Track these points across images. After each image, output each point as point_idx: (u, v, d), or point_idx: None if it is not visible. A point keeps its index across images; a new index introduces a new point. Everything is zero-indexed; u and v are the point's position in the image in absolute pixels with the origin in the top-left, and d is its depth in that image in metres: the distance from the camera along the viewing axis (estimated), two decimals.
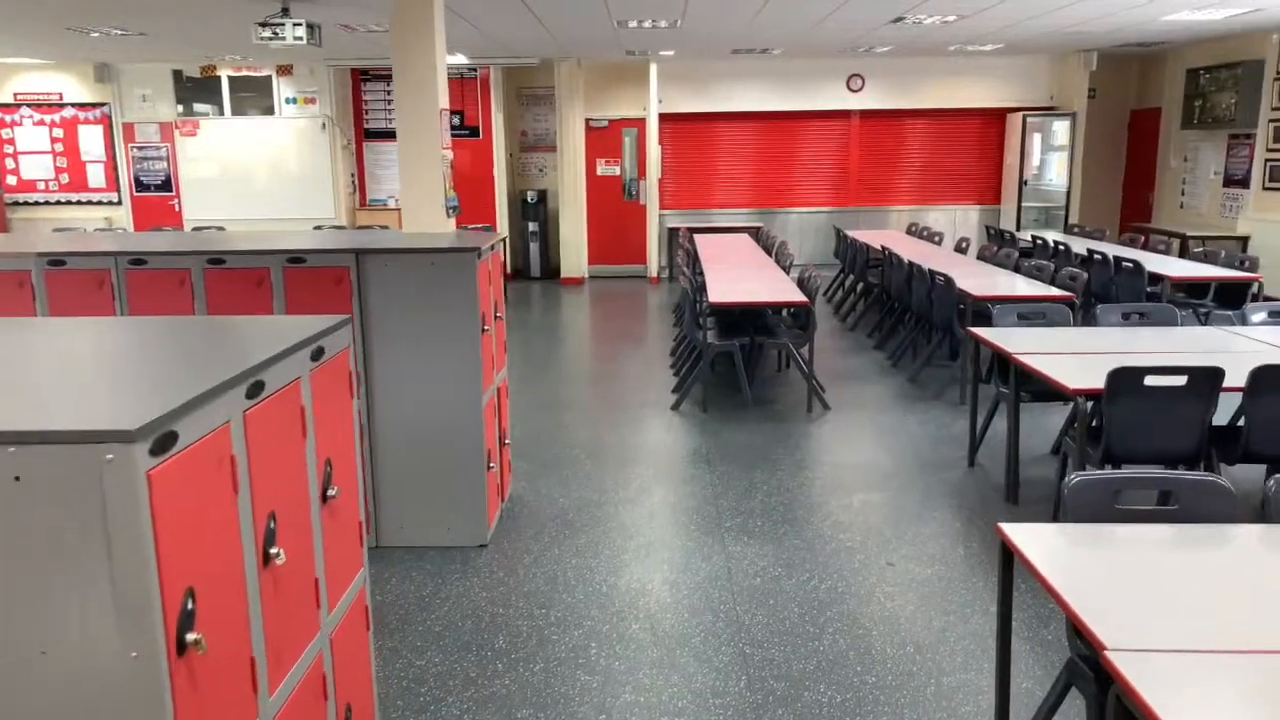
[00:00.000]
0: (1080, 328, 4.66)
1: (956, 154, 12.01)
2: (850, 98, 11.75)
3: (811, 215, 12.13)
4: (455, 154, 11.96)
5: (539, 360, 7.43)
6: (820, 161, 12.07)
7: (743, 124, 11.97)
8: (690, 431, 5.43)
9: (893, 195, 12.13)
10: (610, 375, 6.87)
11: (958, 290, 5.92)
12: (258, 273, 3.67)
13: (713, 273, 6.84)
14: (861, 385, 6.42)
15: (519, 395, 6.24)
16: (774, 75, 11.69)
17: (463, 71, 11.53)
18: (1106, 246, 8.10)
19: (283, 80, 11.32)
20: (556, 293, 11.14)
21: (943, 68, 11.59)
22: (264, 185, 11.53)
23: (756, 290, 6.10)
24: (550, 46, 9.94)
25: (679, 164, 12.11)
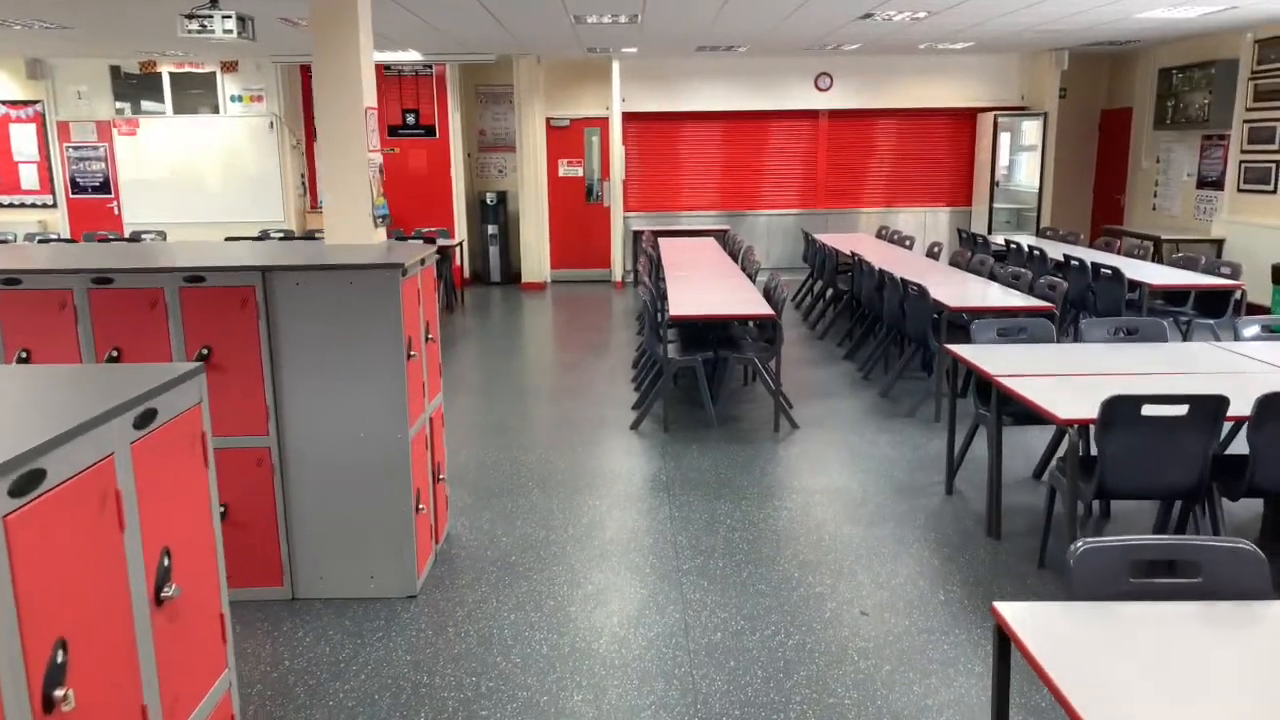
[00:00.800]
0: (1065, 344, 4.34)
1: (926, 155, 11.75)
2: (818, 97, 11.44)
3: (779, 218, 11.82)
4: (410, 153, 11.62)
5: (493, 373, 7.02)
6: (788, 162, 11.75)
7: (708, 124, 11.62)
8: (650, 454, 5.05)
9: (862, 197, 11.85)
10: (568, 390, 6.48)
11: (932, 301, 5.60)
12: (150, 293, 3.24)
13: (675, 281, 6.47)
14: (831, 400, 6.08)
15: (467, 414, 5.83)
16: (740, 74, 11.35)
17: (417, 69, 11.08)
18: (1082, 251, 7.84)
19: (228, 77, 10.80)
20: (517, 298, 10.72)
21: (912, 66, 11.32)
22: (209, 187, 11.00)
23: (721, 301, 5.74)
24: (508, 43, 9.52)
25: (643, 165, 11.74)
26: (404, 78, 11.12)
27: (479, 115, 11.69)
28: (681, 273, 7.02)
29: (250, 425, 3.34)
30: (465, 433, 5.46)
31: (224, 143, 10.91)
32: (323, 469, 3.38)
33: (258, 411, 3.33)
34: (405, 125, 11.23)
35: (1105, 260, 7.03)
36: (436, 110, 11.19)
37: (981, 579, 3.54)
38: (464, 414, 5.87)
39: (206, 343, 3.27)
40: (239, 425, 3.33)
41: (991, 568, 3.64)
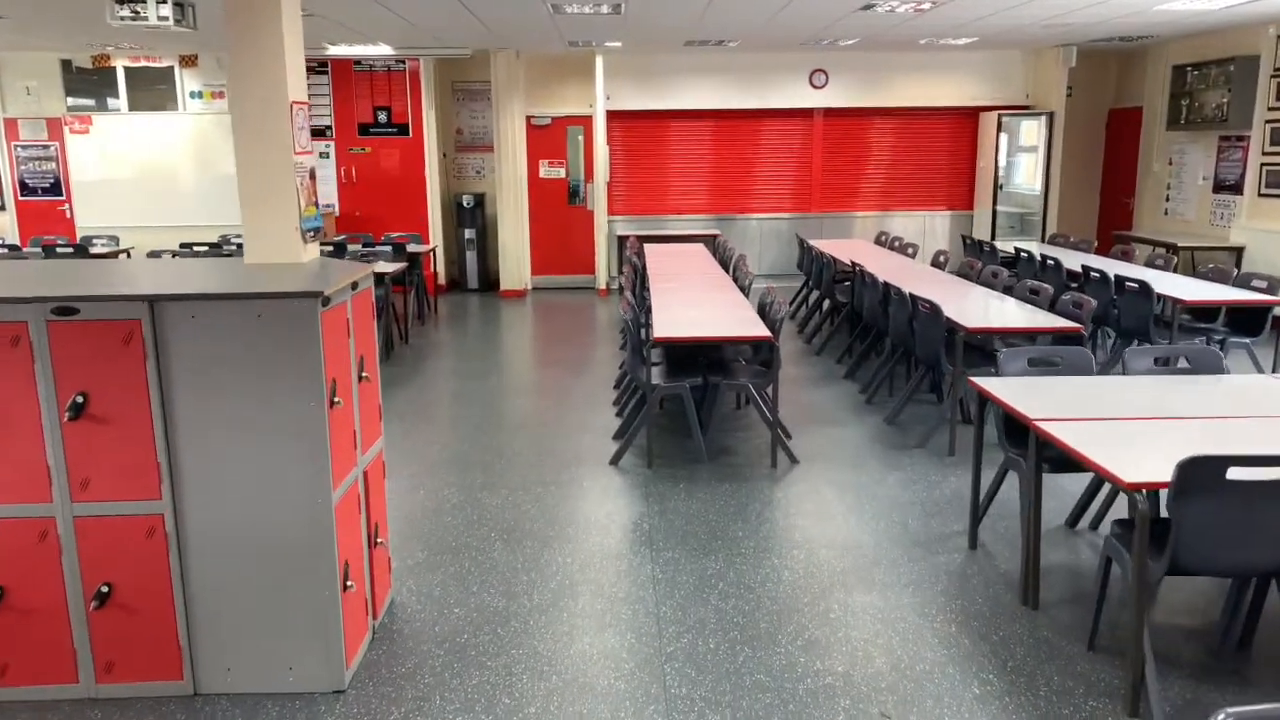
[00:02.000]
0: (1107, 377, 3.78)
1: (926, 156, 11.21)
2: (813, 95, 10.88)
3: (773, 221, 11.25)
4: (382, 153, 11.00)
5: (461, 396, 6.42)
6: (781, 164, 11.18)
7: (698, 123, 11.05)
8: (631, 496, 4.47)
9: (858, 200, 11.29)
10: (543, 415, 5.89)
11: (946, 320, 5.03)
12: (12, 328, 2.63)
13: (660, 295, 5.89)
14: (832, 428, 5.51)
15: (428, 446, 5.23)
16: (731, 70, 10.78)
17: (389, 64, 10.46)
18: (1101, 261, 7.30)
19: (187, 72, 10.16)
20: (495, 307, 10.12)
21: (912, 63, 10.78)
22: (168, 189, 10.36)
23: (711, 319, 5.16)
24: (484, 36, 8.92)
25: (629, 166, 11.15)
26: (375, 73, 10.50)
27: (456, 113, 11.08)
28: (668, 284, 6.44)
29: (139, 488, 2.74)
30: (423, 468, 4.87)
31: (184, 141, 10.27)
32: (229, 540, 2.79)
33: (147, 471, 2.73)
34: (376, 123, 10.61)
35: (1129, 272, 6.49)
36: (410, 108, 10.57)
37: (1022, 664, 2.98)
38: (424, 445, 5.27)
39: (82, 388, 2.67)
40: (125, 488, 2.74)
41: (1032, 648, 3.08)
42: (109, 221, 10.29)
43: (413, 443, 5.31)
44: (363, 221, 10.77)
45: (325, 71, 10.49)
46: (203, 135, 10.25)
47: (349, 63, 10.45)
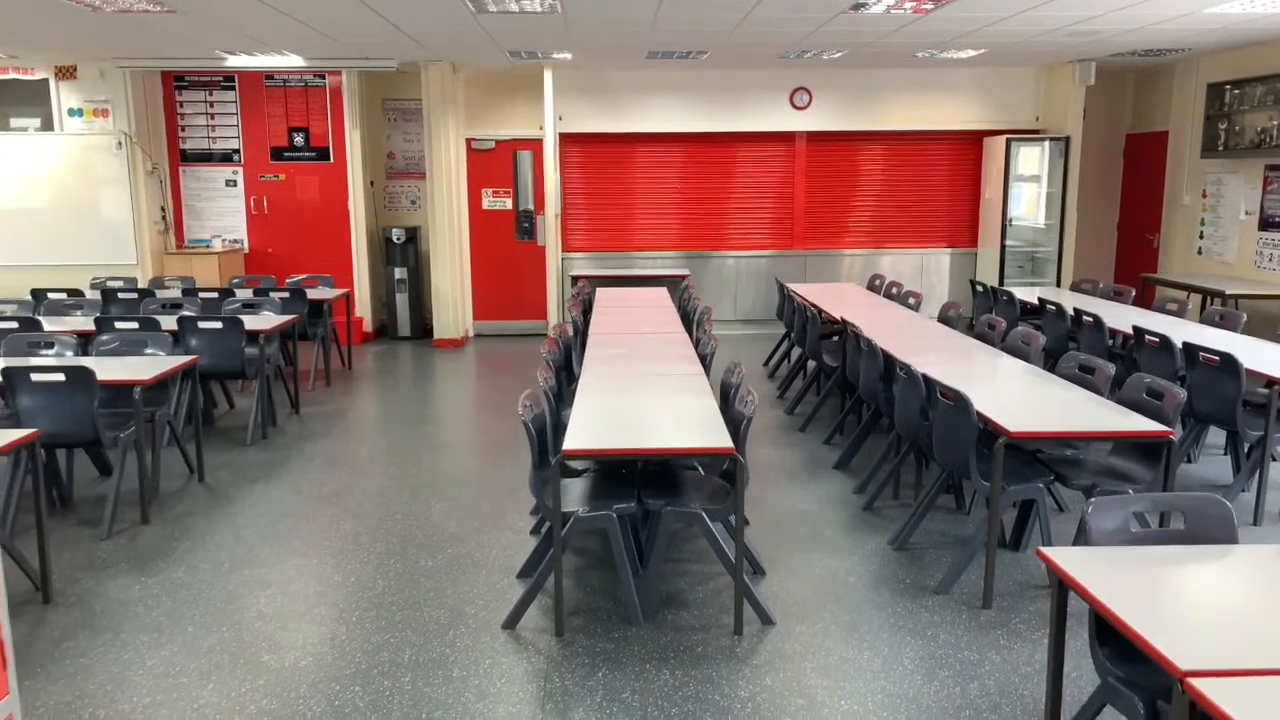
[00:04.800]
0: (1257, 547, 2.36)
1: (923, 186, 9.88)
2: (795, 116, 9.55)
3: (750, 260, 9.87)
4: (298, 181, 9.49)
5: (327, 499, 4.94)
6: (759, 194, 9.83)
7: (664, 147, 9.68)
8: (522, 695, 3.00)
9: (846, 236, 9.93)
10: (441, 524, 4.42)
11: (978, 416, 3.62)
12: None
13: (592, 371, 4.44)
14: (820, 555, 4.07)
15: (248, 595, 3.74)
16: (701, 88, 9.44)
17: (306, 79, 9.05)
18: (1159, 322, 5.92)
19: (64, 85, 8.70)
20: (426, 359, 8.66)
21: (907, 81, 9.47)
22: (41, 221, 8.86)
23: (652, 414, 3.71)
24: (407, 45, 7.53)
25: (587, 196, 9.76)
26: (290, 89, 9.10)
27: (387, 135, 9.67)
28: (607, 350, 5.01)
29: None
30: (218, 646, 3.38)
31: (60, 166, 8.79)
32: None
33: None
34: (292, 146, 9.18)
35: (1198, 336, 5.11)
36: (331, 129, 9.16)
37: None
38: (241, 591, 3.79)
39: None
40: None
41: None
42: None
43: (223, 584, 3.82)
44: (275, 260, 9.31)
45: (231, 87, 9.08)
46: (81, 159, 8.77)
47: (259, 77, 9.04)
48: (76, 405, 4.29)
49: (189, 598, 3.71)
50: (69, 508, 4.75)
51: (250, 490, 5.01)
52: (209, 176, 9.23)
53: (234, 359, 5.83)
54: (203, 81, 9.04)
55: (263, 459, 5.58)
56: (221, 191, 9.25)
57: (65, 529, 4.46)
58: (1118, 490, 3.64)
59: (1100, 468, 3.89)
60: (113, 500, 4.44)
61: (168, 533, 4.41)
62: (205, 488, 5.06)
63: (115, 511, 4.48)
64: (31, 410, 4.30)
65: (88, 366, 4.27)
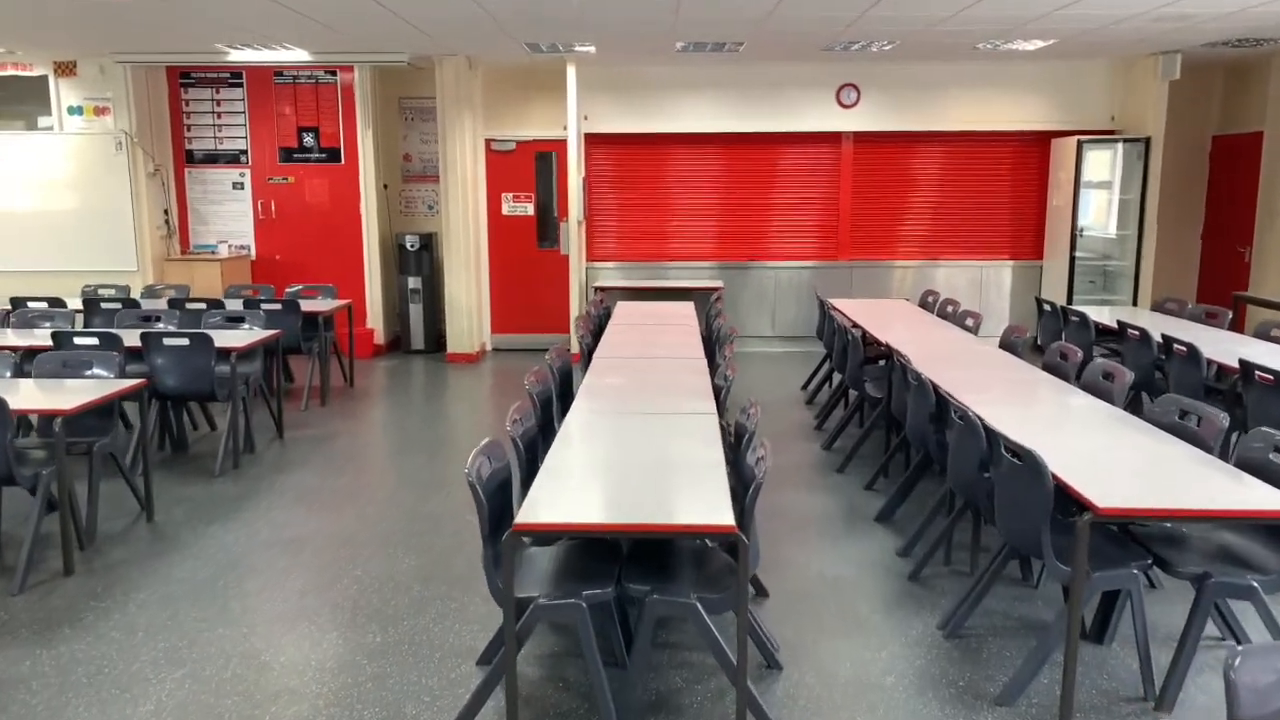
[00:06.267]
0: None
1: (983, 192, 9.00)
2: (841, 115, 8.75)
3: (791, 271, 9.09)
4: (308, 184, 8.91)
5: (301, 548, 4.30)
6: (801, 199, 9.04)
7: (698, 148, 8.96)
8: None
9: (896, 246, 9.10)
10: (395, 599, 3.75)
11: (1054, 480, 2.82)
12: None
13: (582, 408, 3.73)
14: (853, 639, 3.30)
15: (150, 679, 3.09)
16: (738, 84, 8.69)
17: (317, 75, 8.52)
18: (1255, 347, 5.02)
19: (64, 82, 8.28)
20: (437, 376, 8.04)
21: (965, 76, 8.61)
22: (40, 224, 8.45)
23: (642, 472, 2.99)
24: (414, 36, 6.92)
25: (614, 201, 9.08)
26: (300, 86, 8.57)
27: (403, 136, 9.10)
28: (609, 379, 4.30)
29: None
30: None
31: (58, 167, 8.37)
32: None
33: None
34: (302, 147, 8.66)
35: None
36: (342, 129, 8.62)
37: None
38: (145, 673, 3.14)
39: None
40: None
41: None
42: None
43: (123, 669, 3.18)
44: (282, 267, 8.79)
45: (239, 84, 8.58)
46: (80, 160, 8.34)
47: (268, 73, 8.53)
48: None
49: (82, 679, 3.08)
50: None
51: (202, 533, 4.40)
52: (215, 179, 8.74)
53: (202, 379, 5.24)
54: (209, 79, 8.57)
55: (228, 493, 4.97)
56: (228, 194, 8.76)
57: None
58: (1238, 582, 2.83)
59: (1213, 548, 3.06)
60: (27, 548, 3.85)
61: (89, 588, 3.80)
62: (152, 529, 4.47)
63: (31, 561, 3.90)
64: None
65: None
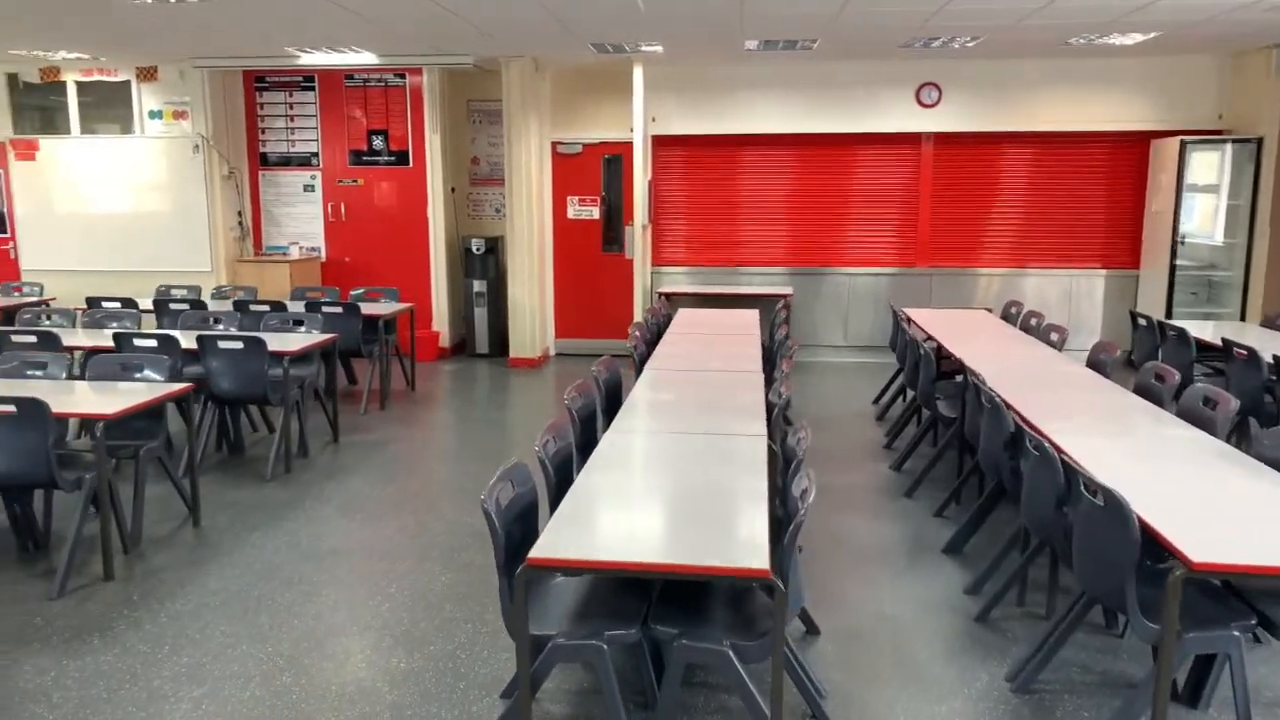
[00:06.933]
0: None
1: (1075, 196, 8.46)
2: (921, 115, 8.34)
3: (866, 278, 8.71)
4: (376, 186, 8.91)
5: (331, 561, 4.20)
6: (878, 203, 8.66)
7: (770, 150, 8.66)
8: None
9: (980, 253, 8.63)
10: (426, 621, 3.60)
11: (1140, 525, 2.49)
12: None
13: (621, 427, 3.52)
14: (910, 689, 3.00)
15: (169, 697, 3.00)
16: (812, 84, 8.37)
17: (386, 78, 8.53)
18: None
19: (145, 87, 8.48)
20: (499, 381, 7.95)
21: (1056, 72, 8.11)
22: (121, 226, 8.68)
23: (675, 504, 2.76)
24: (474, 35, 6.83)
25: (682, 205, 8.85)
26: (370, 89, 8.59)
27: (471, 139, 9.05)
28: (659, 393, 4.08)
29: None
30: None
31: (140, 170, 8.58)
32: None
33: None
34: (371, 150, 8.68)
35: None
36: (410, 132, 8.61)
37: None
38: (165, 690, 3.05)
39: None
40: None
41: None
42: (54, 264, 8.69)
43: (143, 685, 3.10)
44: (351, 269, 8.83)
45: (311, 87, 8.65)
46: (160, 163, 8.53)
47: (339, 77, 8.58)
48: (27, 442, 3.71)
49: (101, 695, 3.01)
50: (40, 552, 4.21)
51: (244, 540, 4.35)
52: (287, 181, 8.84)
53: (255, 383, 5.22)
54: (283, 82, 8.66)
55: (275, 499, 4.93)
56: (300, 197, 8.84)
57: (24, 581, 3.89)
58: None
59: None
60: (68, 552, 3.84)
61: (125, 595, 3.76)
62: (197, 534, 4.44)
63: (72, 564, 3.88)
64: None
65: (39, 399, 3.68)
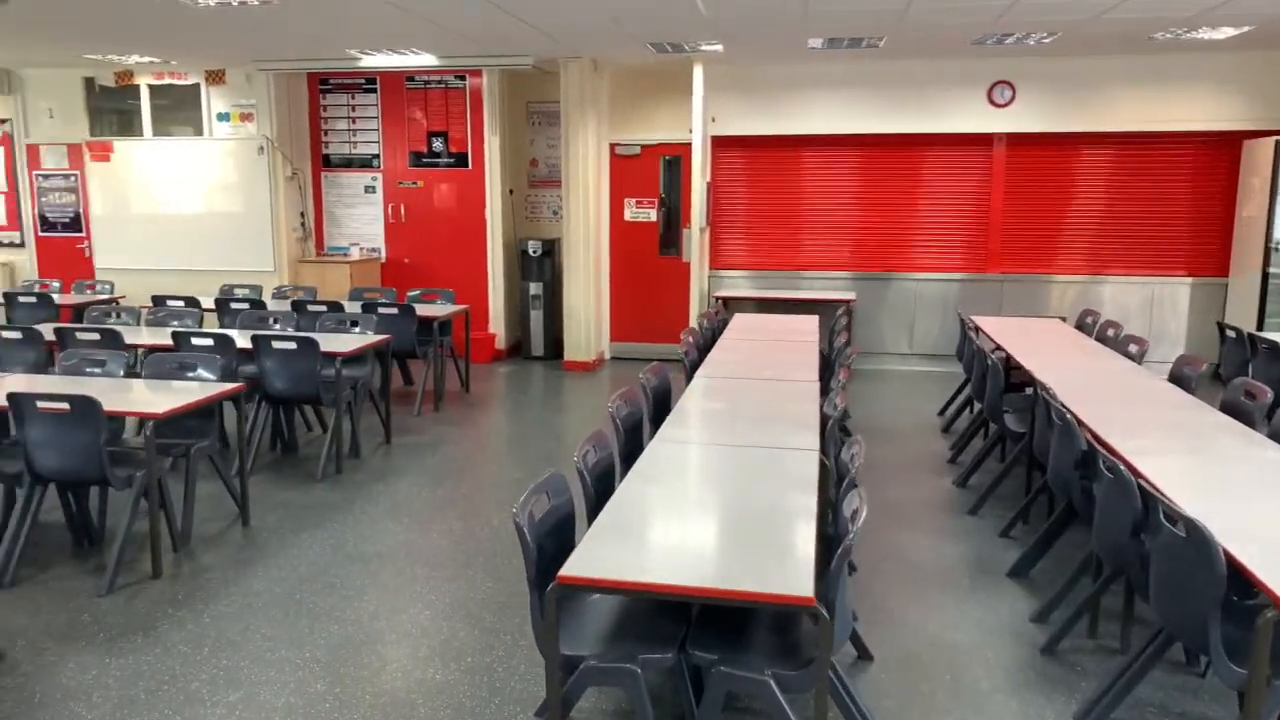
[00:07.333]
0: None
1: (1158, 199, 8.05)
2: (994, 115, 8.03)
3: (934, 284, 8.43)
4: (435, 188, 8.96)
5: (375, 565, 4.15)
6: (947, 206, 8.36)
7: (833, 151, 8.44)
8: None
9: (1055, 258, 8.27)
10: (464, 631, 3.52)
11: (1226, 559, 2.26)
12: None
13: (666, 437, 3.39)
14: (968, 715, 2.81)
15: (205, 700, 2.97)
16: (878, 83, 8.12)
17: (446, 80, 8.55)
18: None
19: (214, 90, 8.65)
20: (553, 384, 7.89)
21: (1138, 70, 7.72)
22: (189, 226, 8.86)
23: (716, 523, 2.62)
24: (533, 36, 6.78)
25: (742, 207, 8.68)
26: (430, 91, 8.62)
27: (530, 140, 9.02)
28: (709, 402, 3.94)
29: None
30: None
31: (207, 171, 8.75)
32: None
33: None
34: (431, 152, 8.71)
35: None
36: (470, 133, 8.61)
37: None
38: (202, 693, 3.01)
39: None
40: None
41: None
42: (127, 263, 8.92)
43: (182, 686, 3.07)
44: (410, 270, 8.88)
45: (374, 89, 8.72)
46: (226, 164, 8.68)
47: (400, 79, 8.63)
48: (80, 439, 3.74)
49: (140, 695, 3.00)
50: (94, 548, 4.25)
51: (290, 542, 4.34)
52: (349, 182, 8.92)
53: (307, 383, 5.22)
54: (346, 85, 8.75)
55: (324, 500, 4.92)
56: (361, 198, 8.92)
57: (76, 576, 3.93)
58: None
59: None
60: (117, 549, 3.86)
61: (171, 594, 3.77)
62: (245, 534, 4.44)
63: (122, 562, 3.91)
64: (36, 442, 3.79)
65: (91, 397, 3.70)
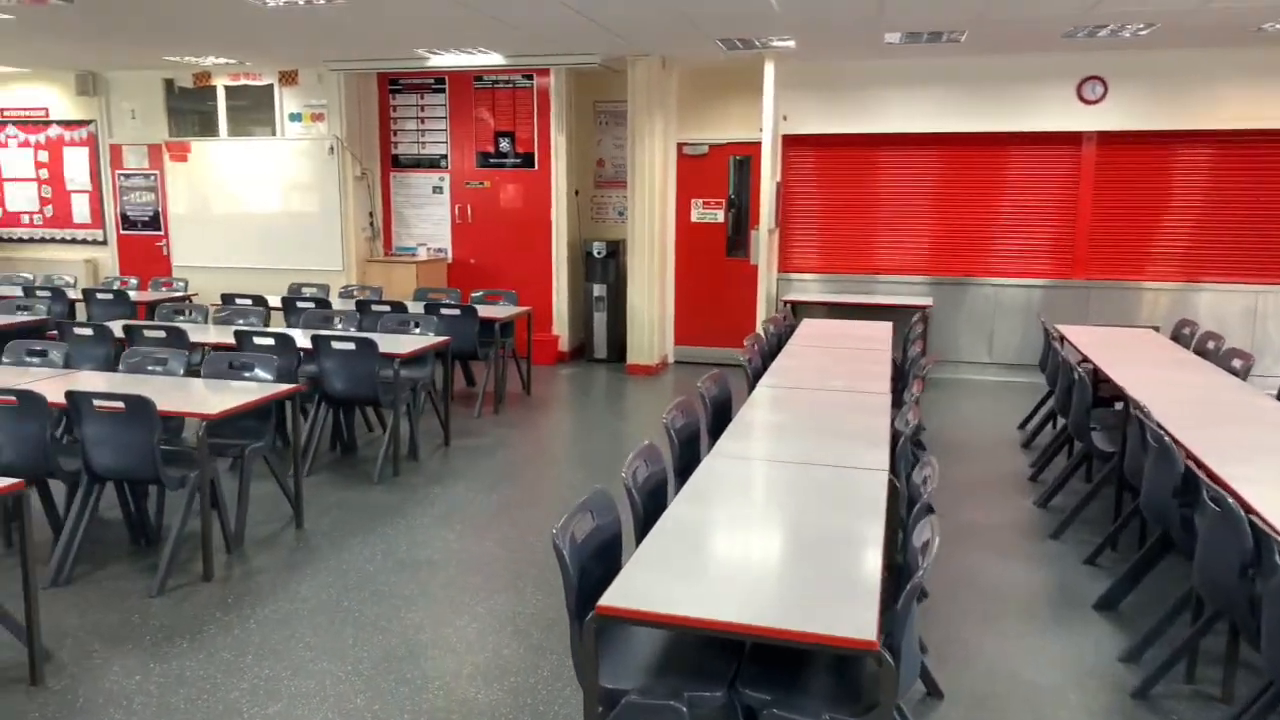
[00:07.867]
0: None
1: (1264, 202, 7.52)
2: (1083, 113, 7.60)
3: (1016, 290, 8.03)
4: (502, 188, 8.91)
5: (426, 572, 4.06)
6: (1032, 208, 7.96)
7: (910, 151, 8.10)
8: None
9: (1147, 264, 7.79)
10: (510, 648, 3.39)
11: None
12: None
13: (721, 454, 3.20)
14: None
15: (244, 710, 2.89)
16: (958, 79, 7.76)
17: (514, 80, 8.48)
18: None
19: (287, 90, 8.75)
20: (615, 387, 7.76)
21: (1243, 63, 7.21)
22: (262, 225, 8.99)
23: (773, 553, 2.43)
24: (606, 37, 6.65)
25: (812, 208, 8.41)
26: (498, 90, 8.57)
27: (597, 141, 8.91)
28: (772, 414, 3.74)
29: None
30: None
31: (280, 171, 8.86)
32: None
33: None
34: (498, 152, 8.66)
35: None
36: (536, 133, 8.53)
37: None
38: (242, 703, 2.94)
39: None
40: None
41: None
42: (204, 261, 9.09)
43: (222, 696, 3.00)
44: (476, 271, 8.85)
45: (442, 90, 8.71)
46: (298, 164, 8.78)
47: (468, 79, 8.60)
48: (134, 438, 3.73)
49: (180, 704, 2.94)
50: (150, 547, 4.26)
51: (342, 546, 4.28)
52: (417, 183, 8.94)
53: (365, 384, 5.18)
54: (415, 85, 8.76)
55: (380, 502, 4.86)
56: (428, 198, 8.93)
57: (130, 575, 3.93)
58: None
59: None
60: (169, 550, 3.84)
61: (220, 597, 3.73)
62: (299, 536, 4.40)
63: (174, 562, 3.89)
64: (93, 440, 3.79)
65: (145, 397, 3.69)
